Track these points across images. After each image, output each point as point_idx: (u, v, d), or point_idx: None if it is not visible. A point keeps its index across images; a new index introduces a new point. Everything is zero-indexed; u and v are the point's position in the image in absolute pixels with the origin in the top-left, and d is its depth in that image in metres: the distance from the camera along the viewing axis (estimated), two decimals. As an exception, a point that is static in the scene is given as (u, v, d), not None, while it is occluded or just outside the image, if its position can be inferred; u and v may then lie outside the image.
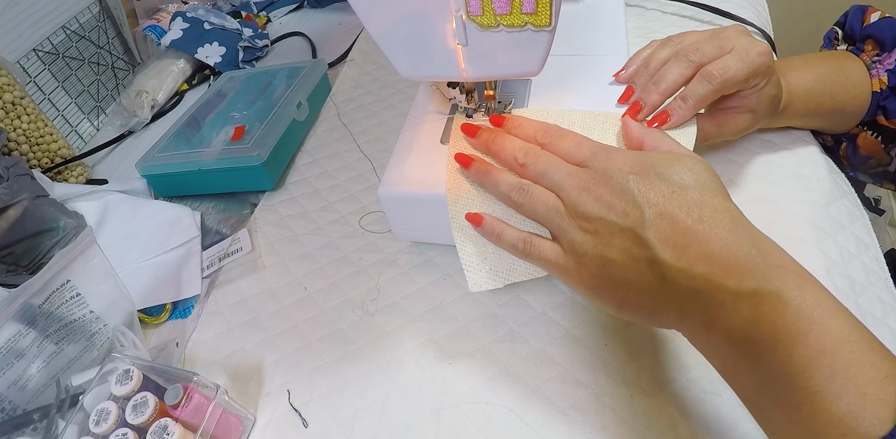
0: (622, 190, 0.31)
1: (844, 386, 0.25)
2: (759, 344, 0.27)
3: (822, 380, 0.25)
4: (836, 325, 0.26)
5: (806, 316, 0.26)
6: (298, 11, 1.02)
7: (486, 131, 0.39)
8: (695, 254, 0.29)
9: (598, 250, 0.31)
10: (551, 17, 0.32)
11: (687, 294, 0.29)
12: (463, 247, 0.38)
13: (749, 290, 0.27)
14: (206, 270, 0.53)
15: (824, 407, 0.25)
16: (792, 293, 0.27)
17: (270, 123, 0.62)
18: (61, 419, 0.38)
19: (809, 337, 0.26)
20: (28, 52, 0.69)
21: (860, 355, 0.25)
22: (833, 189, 0.47)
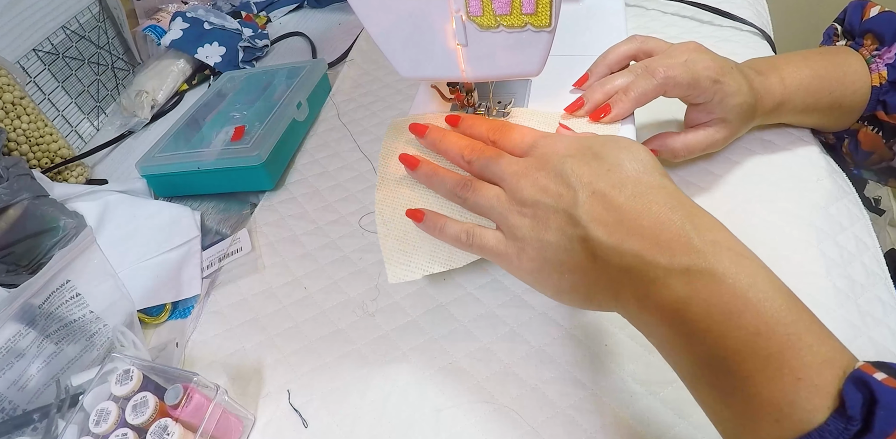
0: (557, 173, 0.32)
1: (779, 371, 0.24)
2: (692, 322, 0.26)
3: (756, 364, 0.25)
4: (772, 306, 0.25)
5: (740, 295, 0.26)
6: (298, 11, 1.02)
7: (434, 130, 0.40)
8: (626, 231, 0.28)
9: (535, 233, 0.32)
10: (551, 17, 0.32)
11: (619, 271, 0.29)
12: (385, 241, 0.39)
13: (681, 267, 0.27)
14: (206, 270, 0.53)
15: (757, 391, 0.24)
16: (727, 270, 0.26)
17: (270, 123, 0.62)
18: (61, 419, 0.38)
19: (744, 317, 0.25)
20: (28, 52, 0.69)
21: (797, 338, 0.25)
22: (833, 189, 0.47)
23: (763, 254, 0.42)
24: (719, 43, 0.65)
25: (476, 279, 0.46)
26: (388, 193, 0.40)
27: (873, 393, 0.22)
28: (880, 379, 0.23)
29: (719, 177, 0.49)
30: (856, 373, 0.23)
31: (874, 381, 0.23)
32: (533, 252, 0.32)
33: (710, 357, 0.26)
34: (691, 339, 0.27)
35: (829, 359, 0.24)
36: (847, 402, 0.23)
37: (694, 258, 0.27)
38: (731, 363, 0.25)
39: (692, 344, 0.27)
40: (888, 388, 0.22)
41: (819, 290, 0.40)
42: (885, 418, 0.22)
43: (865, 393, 0.23)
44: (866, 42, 0.48)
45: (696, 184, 0.49)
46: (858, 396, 0.23)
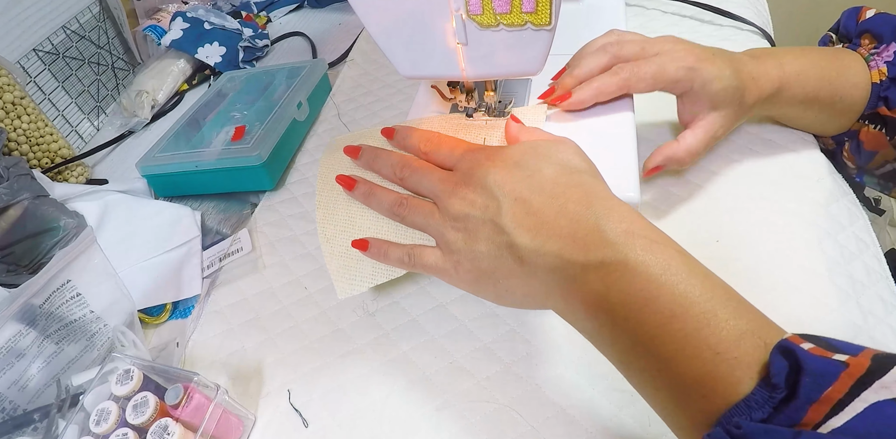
0: (482, 186, 0.33)
1: (697, 348, 0.25)
2: (611, 313, 0.27)
3: (676, 345, 0.25)
4: (685, 288, 0.26)
5: (654, 280, 0.26)
6: (298, 11, 1.02)
7: (367, 151, 0.41)
8: (546, 233, 0.30)
9: (468, 245, 0.33)
10: (551, 16, 0.32)
11: (545, 272, 0.30)
12: (329, 259, 0.40)
13: (596, 261, 0.28)
14: (206, 270, 0.53)
15: (681, 371, 0.25)
16: (639, 259, 0.27)
17: (271, 123, 0.62)
18: (62, 419, 0.38)
19: (659, 302, 0.26)
20: (28, 52, 0.69)
21: (712, 315, 0.25)
22: (833, 188, 0.47)
23: (763, 253, 0.43)
24: (720, 42, 0.65)
25: (476, 279, 0.46)
26: (328, 212, 0.41)
27: (799, 362, 0.22)
28: (807, 349, 0.23)
29: (720, 176, 0.49)
30: (782, 343, 0.24)
31: (800, 350, 0.23)
32: (468, 263, 0.33)
33: (633, 344, 0.27)
34: (614, 330, 0.28)
35: (748, 331, 0.25)
36: (772, 371, 0.23)
37: (607, 251, 0.28)
38: (653, 347, 0.26)
39: (616, 335, 0.28)
40: (814, 356, 0.23)
41: (820, 289, 0.39)
42: (810, 385, 0.22)
43: (791, 361, 0.23)
44: (864, 42, 0.48)
45: (696, 183, 0.49)
46: (783, 364, 0.23)
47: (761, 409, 0.22)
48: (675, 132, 0.54)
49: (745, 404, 0.23)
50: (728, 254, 0.43)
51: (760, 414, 0.22)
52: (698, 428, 0.25)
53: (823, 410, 0.21)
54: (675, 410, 0.26)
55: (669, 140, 0.46)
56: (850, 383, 0.21)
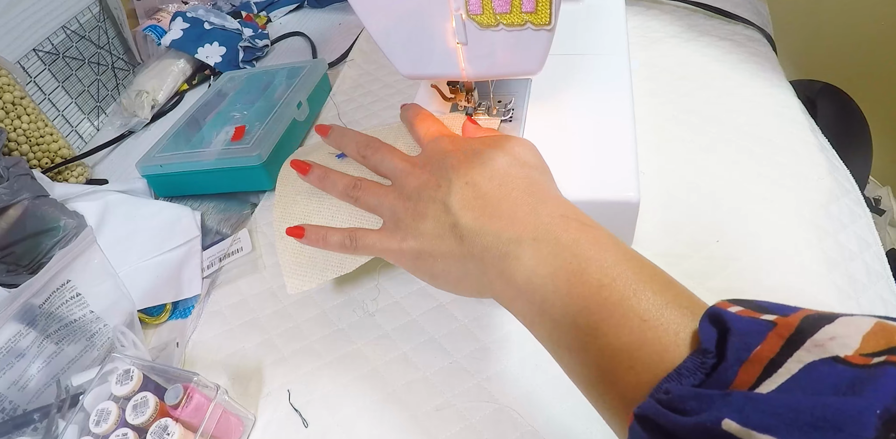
0: (440, 167, 0.35)
1: (624, 316, 0.25)
2: (542, 288, 0.28)
3: (602, 314, 0.25)
4: (614, 260, 0.27)
5: (583, 254, 0.27)
6: (298, 11, 1.02)
7: (336, 130, 0.42)
8: (489, 215, 0.31)
9: (415, 222, 0.34)
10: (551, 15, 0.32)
11: (481, 250, 0.31)
12: (282, 256, 0.41)
13: (529, 238, 0.29)
14: (206, 270, 0.53)
15: (607, 341, 0.25)
16: (570, 237, 0.28)
17: (271, 123, 0.62)
18: (61, 419, 0.38)
19: (587, 273, 0.27)
20: (28, 52, 0.69)
21: (639, 285, 0.25)
22: (834, 188, 0.47)
23: (764, 252, 0.43)
24: (719, 42, 0.65)
25: (476, 278, 0.46)
26: (284, 210, 0.42)
27: (726, 324, 0.22)
28: (735, 311, 0.23)
29: (720, 177, 0.49)
30: (710, 310, 0.23)
31: (727, 313, 0.22)
32: (412, 240, 0.34)
33: (561, 316, 0.27)
34: (543, 305, 0.28)
35: (674, 300, 0.25)
36: (701, 337, 0.22)
37: (541, 230, 0.29)
38: (580, 318, 0.26)
39: (545, 310, 0.28)
40: (741, 317, 0.22)
41: (820, 289, 0.39)
42: (737, 344, 0.21)
43: (720, 326, 0.22)
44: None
45: (696, 184, 0.49)
46: (712, 330, 0.22)
47: (693, 376, 0.22)
48: (673, 132, 0.54)
49: (676, 373, 0.22)
50: (728, 254, 0.43)
51: (692, 380, 0.22)
52: (629, 405, 0.24)
53: (755, 371, 0.21)
54: (603, 388, 0.26)
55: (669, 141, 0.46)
56: (780, 343, 0.21)
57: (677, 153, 0.52)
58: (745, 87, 0.59)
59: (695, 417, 0.19)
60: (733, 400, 0.19)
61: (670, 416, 0.20)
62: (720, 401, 0.19)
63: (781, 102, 0.56)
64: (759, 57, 0.62)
